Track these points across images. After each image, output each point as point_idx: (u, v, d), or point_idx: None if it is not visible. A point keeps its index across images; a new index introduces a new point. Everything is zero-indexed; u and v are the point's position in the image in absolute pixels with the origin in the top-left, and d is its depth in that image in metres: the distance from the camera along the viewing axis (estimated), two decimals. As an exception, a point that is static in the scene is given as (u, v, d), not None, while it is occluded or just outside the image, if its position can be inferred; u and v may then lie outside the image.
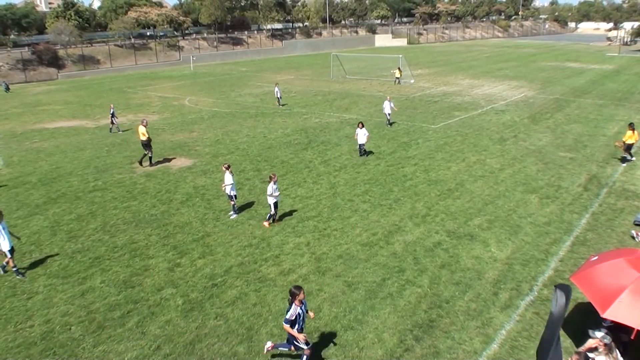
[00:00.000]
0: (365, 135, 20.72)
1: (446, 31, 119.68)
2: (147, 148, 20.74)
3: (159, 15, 74.43)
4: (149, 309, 10.49)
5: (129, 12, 73.06)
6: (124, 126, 28.37)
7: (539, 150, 21.79)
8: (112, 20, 72.72)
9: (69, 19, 65.40)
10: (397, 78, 43.73)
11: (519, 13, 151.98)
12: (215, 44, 79.19)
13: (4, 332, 9.84)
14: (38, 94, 44.86)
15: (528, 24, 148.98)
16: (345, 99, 36.15)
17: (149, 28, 77.89)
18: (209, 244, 13.43)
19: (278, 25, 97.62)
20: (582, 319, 9.57)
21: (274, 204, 14.34)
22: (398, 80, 43.66)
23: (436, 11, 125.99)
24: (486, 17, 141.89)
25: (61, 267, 12.37)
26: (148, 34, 79.23)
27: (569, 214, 14.89)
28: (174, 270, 12.10)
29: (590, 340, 8.01)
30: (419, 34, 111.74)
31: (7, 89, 46.73)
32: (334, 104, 34.16)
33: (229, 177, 14.83)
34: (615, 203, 15.77)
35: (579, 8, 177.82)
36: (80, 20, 67.78)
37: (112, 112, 27.17)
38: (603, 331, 8.21)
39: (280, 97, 33.98)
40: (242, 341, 9.40)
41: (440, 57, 70.91)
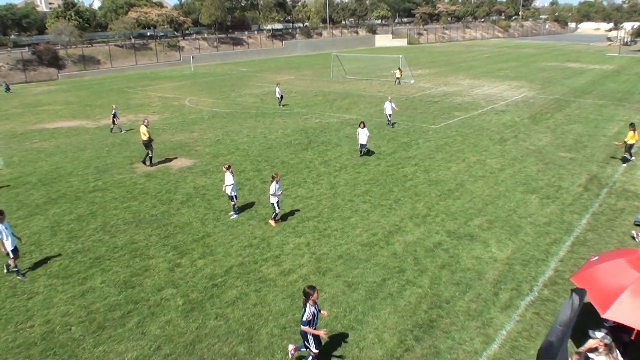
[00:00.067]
0: (367, 135, 20.77)
1: (446, 31, 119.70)
2: (148, 148, 20.79)
3: (159, 15, 74.47)
4: (149, 309, 10.50)
5: (129, 13, 73.09)
6: (124, 126, 28.39)
7: (539, 150, 21.80)
8: (113, 20, 72.74)
9: (69, 19, 65.43)
10: (398, 78, 43.72)
11: (519, 13, 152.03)
12: (215, 44, 79.23)
13: (4, 332, 9.85)
14: (38, 94, 44.88)
15: (528, 24, 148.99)
16: (345, 99, 36.16)
17: (149, 28, 77.93)
18: (209, 244, 13.44)
19: (278, 26, 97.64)
20: (582, 319, 9.53)
21: (276, 203, 14.38)
22: (398, 81, 43.65)
23: (436, 11, 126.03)
24: (486, 18, 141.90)
25: (61, 268, 12.38)
26: (148, 34, 79.29)
27: (569, 214, 14.89)
28: (174, 270, 12.11)
29: (590, 341, 8.01)
30: (419, 34, 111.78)
31: (8, 89, 46.75)
32: (334, 104, 34.17)
33: (229, 178, 14.84)
34: (615, 203, 15.77)
35: (579, 8, 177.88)
36: (81, 20, 67.81)
37: (114, 113, 27.19)
38: (603, 331, 8.21)
39: (280, 97, 33.98)
40: (243, 341, 9.41)
41: (440, 58, 70.92)
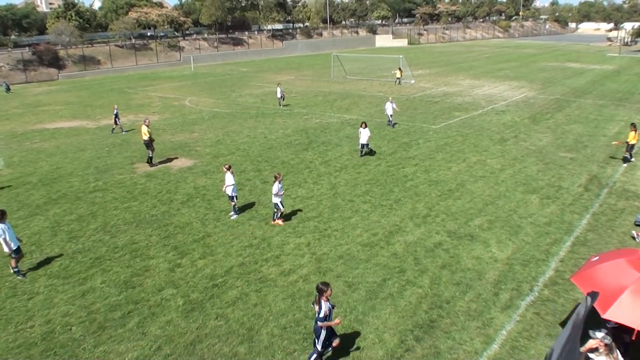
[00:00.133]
0: (368, 136, 20.81)
1: (447, 31, 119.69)
2: (149, 148, 20.81)
3: (159, 15, 74.49)
4: (149, 309, 10.50)
5: (129, 13, 73.10)
6: (125, 126, 28.38)
7: (539, 150, 21.79)
8: (113, 20, 72.75)
9: (69, 20, 65.45)
10: (398, 78, 43.72)
11: (520, 13, 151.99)
12: (215, 44, 79.25)
13: (4, 333, 9.85)
14: (38, 94, 44.89)
15: (528, 24, 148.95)
16: (345, 100, 36.16)
17: (149, 28, 77.96)
18: (209, 245, 13.45)
19: (278, 26, 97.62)
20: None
21: (280, 203, 14.41)
22: (399, 81, 43.65)
23: (437, 12, 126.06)
24: (487, 18, 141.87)
25: (62, 268, 12.39)
26: (149, 34, 79.31)
27: (570, 215, 14.89)
28: (174, 270, 12.11)
29: (590, 341, 8.00)
30: (420, 34, 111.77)
31: (8, 90, 46.75)
32: (335, 105, 34.17)
33: (230, 178, 14.84)
34: (615, 203, 15.77)
35: (579, 8, 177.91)
36: (81, 20, 67.83)
37: (116, 113, 27.21)
38: (603, 331, 8.20)
39: (281, 97, 33.93)
40: (243, 341, 9.41)
41: (440, 58, 70.92)
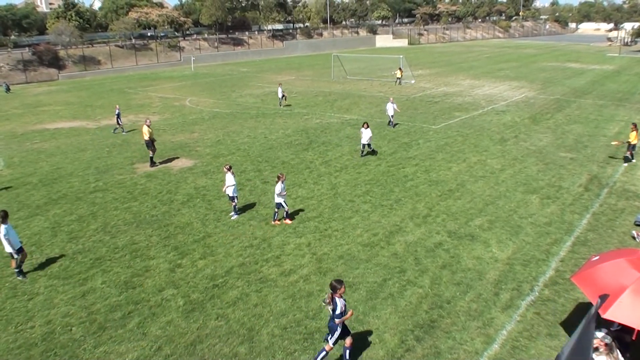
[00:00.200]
0: (369, 136, 20.82)
1: (447, 32, 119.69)
2: (149, 148, 20.81)
3: (159, 15, 74.51)
4: (150, 309, 10.50)
5: (129, 13, 73.13)
6: (125, 127, 28.36)
7: (539, 150, 21.79)
8: (113, 20, 72.78)
9: (69, 20, 65.47)
10: (398, 79, 43.70)
11: (520, 14, 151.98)
12: (215, 44, 79.26)
13: (4, 333, 9.85)
14: (39, 94, 44.90)
15: (529, 24, 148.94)
16: (346, 100, 36.16)
17: (149, 29, 77.97)
18: (209, 245, 13.44)
19: (279, 26, 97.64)
20: (583, 319, 9.55)
21: (284, 203, 14.43)
22: (399, 81, 43.64)
23: (437, 12, 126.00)
24: (487, 18, 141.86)
25: (62, 268, 12.38)
26: (149, 34, 79.32)
27: (570, 214, 14.89)
28: (174, 271, 12.11)
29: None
30: (420, 34, 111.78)
31: (8, 90, 46.79)
32: (335, 105, 34.17)
33: (230, 178, 14.84)
34: (615, 203, 15.76)
35: (579, 8, 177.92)
36: (81, 20, 67.86)
37: (118, 113, 27.22)
38: (603, 331, 8.21)
39: (282, 97, 33.90)
40: (244, 342, 9.41)
41: (441, 58, 70.92)
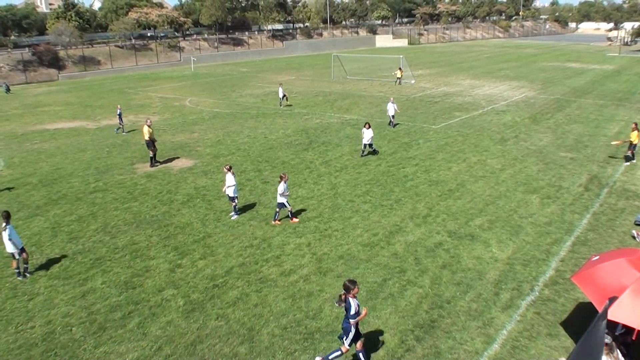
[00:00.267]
0: (370, 136, 20.83)
1: (447, 31, 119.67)
2: (150, 147, 20.81)
3: (159, 16, 74.48)
4: (150, 309, 10.50)
5: (129, 13, 73.08)
6: (125, 127, 28.35)
7: (539, 150, 21.78)
8: (113, 21, 72.74)
9: (69, 20, 65.45)
10: (398, 78, 43.69)
11: (520, 13, 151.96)
12: (215, 44, 79.24)
13: (5, 333, 9.85)
14: (38, 95, 44.91)
15: (529, 24, 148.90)
16: (346, 100, 36.15)
17: (149, 29, 77.96)
18: (210, 245, 13.45)
19: (279, 26, 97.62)
20: (583, 319, 9.56)
21: (287, 202, 14.46)
22: (399, 81, 43.63)
23: (437, 12, 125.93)
24: (487, 18, 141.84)
25: (62, 268, 12.38)
26: (149, 34, 79.31)
27: (570, 214, 14.88)
28: (175, 271, 12.11)
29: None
30: (420, 34, 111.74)
31: (8, 90, 46.77)
32: (335, 105, 34.17)
33: (230, 179, 14.83)
34: (616, 203, 15.76)
35: (579, 8, 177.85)
36: (81, 21, 67.83)
37: (119, 113, 27.22)
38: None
39: (283, 97, 33.86)
40: (244, 342, 9.41)
41: (441, 58, 70.91)
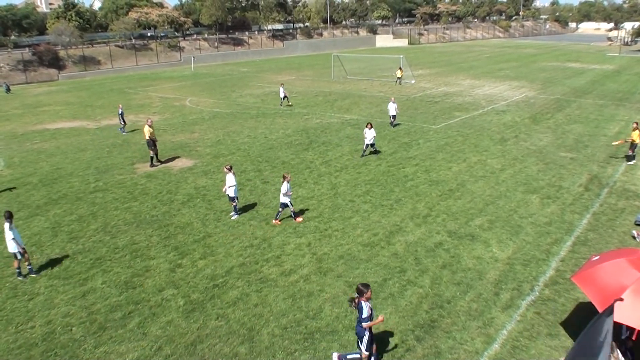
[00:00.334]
0: (373, 136, 20.85)
1: (447, 31, 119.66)
2: (150, 147, 20.82)
3: (159, 16, 74.47)
4: (150, 309, 10.50)
5: (129, 13, 73.08)
6: (125, 127, 28.37)
7: (539, 150, 21.78)
8: (113, 21, 72.74)
9: (69, 20, 65.45)
10: (399, 78, 43.69)
11: (520, 13, 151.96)
12: (216, 44, 79.24)
13: (5, 333, 9.85)
14: (39, 94, 44.91)
15: (529, 24, 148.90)
16: (346, 100, 36.15)
17: (149, 29, 77.96)
18: (210, 245, 13.45)
19: (279, 26, 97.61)
20: (583, 319, 9.57)
21: (290, 202, 14.49)
22: (399, 81, 43.63)
23: (437, 12, 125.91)
24: (487, 18, 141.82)
25: (62, 268, 12.39)
26: (149, 34, 79.32)
27: (570, 214, 14.88)
28: (175, 271, 12.11)
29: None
30: (420, 34, 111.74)
31: (8, 90, 46.77)
32: (335, 105, 34.16)
33: (231, 179, 14.83)
34: (616, 203, 15.76)
35: (579, 8, 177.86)
36: (81, 21, 67.83)
37: (121, 112, 27.23)
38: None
39: (284, 98, 33.83)
40: (244, 342, 9.41)
41: (441, 58, 70.91)
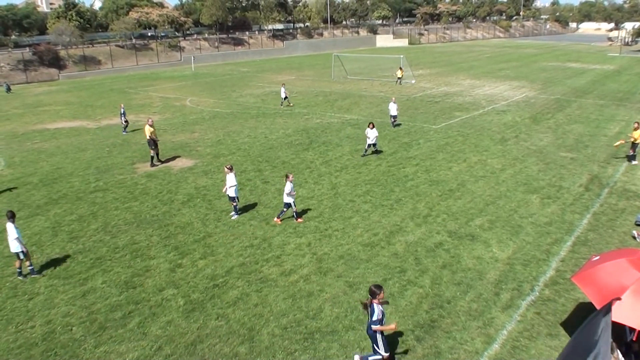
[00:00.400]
0: (375, 136, 20.83)
1: (447, 31, 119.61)
2: (150, 146, 20.81)
3: (160, 15, 74.52)
4: (150, 309, 10.50)
5: (130, 13, 73.13)
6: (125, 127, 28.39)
7: (540, 150, 21.77)
8: (113, 20, 72.79)
9: (70, 20, 65.49)
10: (399, 78, 43.68)
11: (520, 13, 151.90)
12: (216, 44, 79.24)
13: (5, 333, 9.85)
14: (39, 94, 44.92)
15: (529, 24, 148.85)
16: (346, 100, 36.15)
17: (150, 29, 78.00)
18: (210, 245, 13.45)
19: (279, 26, 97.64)
20: (583, 320, 9.54)
21: (293, 202, 14.49)
22: (399, 81, 43.62)
23: (437, 11, 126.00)
24: (487, 18, 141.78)
25: (62, 268, 12.39)
26: (149, 34, 79.36)
27: (570, 214, 14.88)
28: (175, 270, 12.11)
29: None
30: (420, 34, 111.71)
31: (8, 90, 46.79)
32: (335, 105, 34.16)
33: (231, 179, 14.82)
34: (616, 203, 15.75)
35: (580, 8, 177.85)
36: (82, 20, 67.89)
37: (123, 112, 27.24)
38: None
39: (285, 98, 33.82)
40: (244, 342, 9.41)
41: (441, 58, 70.89)
